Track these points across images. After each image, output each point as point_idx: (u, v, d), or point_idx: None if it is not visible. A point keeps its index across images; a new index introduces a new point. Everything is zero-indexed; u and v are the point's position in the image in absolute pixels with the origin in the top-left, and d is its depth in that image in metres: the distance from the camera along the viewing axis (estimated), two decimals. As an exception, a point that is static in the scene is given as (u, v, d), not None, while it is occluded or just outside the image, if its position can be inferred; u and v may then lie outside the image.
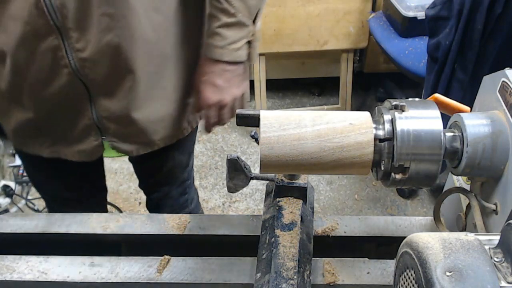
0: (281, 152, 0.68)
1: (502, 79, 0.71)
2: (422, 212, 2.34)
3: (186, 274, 0.86)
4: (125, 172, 2.57)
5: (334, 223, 0.95)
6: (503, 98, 0.70)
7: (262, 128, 0.68)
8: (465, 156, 0.69)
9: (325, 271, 0.85)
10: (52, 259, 0.89)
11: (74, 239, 0.96)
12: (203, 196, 2.41)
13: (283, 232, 0.79)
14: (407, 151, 0.67)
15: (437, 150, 0.67)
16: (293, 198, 0.86)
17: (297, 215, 0.82)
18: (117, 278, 0.85)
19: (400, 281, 0.57)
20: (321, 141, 0.68)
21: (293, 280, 0.71)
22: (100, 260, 0.89)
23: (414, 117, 0.68)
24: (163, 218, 0.97)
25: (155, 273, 0.86)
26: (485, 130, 0.69)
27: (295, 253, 0.75)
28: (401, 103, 0.69)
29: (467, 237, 0.52)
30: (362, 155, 0.68)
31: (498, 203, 0.71)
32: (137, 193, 2.44)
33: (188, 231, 0.95)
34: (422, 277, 0.50)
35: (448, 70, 1.87)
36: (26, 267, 0.88)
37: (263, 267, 0.76)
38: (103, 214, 0.99)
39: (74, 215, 0.99)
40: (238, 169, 0.82)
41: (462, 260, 0.49)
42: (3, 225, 0.97)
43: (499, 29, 1.69)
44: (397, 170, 0.68)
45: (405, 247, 0.55)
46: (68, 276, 0.86)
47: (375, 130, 0.68)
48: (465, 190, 0.78)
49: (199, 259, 0.88)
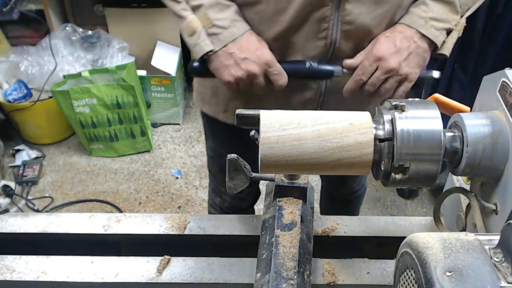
0: (281, 152, 0.68)
1: (502, 79, 0.71)
2: (422, 212, 2.34)
3: (186, 274, 0.86)
4: (125, 172, 2.57)
5: (334, 223, 0.95)
6: (503, 98, 0.70)
7: (262, 128, 0.68)
8: (465, 156, 0.69)
9: (325, 271, 0.85)
10: (52, 259, 0.89)
11: (74, 239, 0.96)
12: (203, 196, 2.41)
13: (283, 232, 0.79)
14: (407, 151, 0.67)
15: (437, 150, 0.67)
16: (293, 198, 0.86)
17: (297, 215, 0.82)
18: (117, 278, 0.85)
19: (400, 281, 0.57)
20: (321, 141, 0.68)
21: (293, 280, 0.71)
22: (100, 260, 0.89)
23: (414, 117, 0.68)
24: (163, 218, 0.97)
25: (155, 273, 0.86)
26: (485, 130, 0.69)
27: (295, 253, 0.75)
28: (401, 103, 0.69)
29: (467, 237, 0.52)
30: (362, 155, 0.68)
31: (498, 203, 0.71)
32: (137, 193, 2.45)
33: (188, 231, 0.95)
34: (422, 277, 0.50)
35: (448, 70, 1.87)
36: (26, 267, 0.88)
37: (263, 267, 0.76)
38: (103, 214, 0.99)
39: (74, 215, 0.99)
40: (238, 169, 0.82)
41: (462, 260, 0.49)
42: (3, 225, 0.97)
43: (499, 29, 1.70)
44: (397, 170, 0.68)
45: (405, 247, 0.55)
46: (68, 276, 0.86)
47: (375, 130, 0.68)
48: (465, 190, 0.78)
49: (199, 259, 0.88)
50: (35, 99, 2.51)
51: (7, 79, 2.56)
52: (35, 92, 2.56)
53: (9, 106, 2.53)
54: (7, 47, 2.61)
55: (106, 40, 2.66)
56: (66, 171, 2.58)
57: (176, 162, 2.63)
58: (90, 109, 2.46)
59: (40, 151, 2.67)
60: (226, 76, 0.98)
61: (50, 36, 2.52)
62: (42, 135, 2.71)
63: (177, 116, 2.86)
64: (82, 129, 2.53)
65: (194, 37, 0.97)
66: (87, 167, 2.61)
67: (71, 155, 2.69)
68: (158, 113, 2.83)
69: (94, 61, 2.65)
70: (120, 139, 2.61)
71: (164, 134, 2.82)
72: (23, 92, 2.53)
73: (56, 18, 2.68)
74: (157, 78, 2.69)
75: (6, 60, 2.55)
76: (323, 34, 0.98)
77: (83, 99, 2.43)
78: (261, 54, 0.97)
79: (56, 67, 2.47)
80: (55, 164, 2.63)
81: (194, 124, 2.89)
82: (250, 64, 0.96)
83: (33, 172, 2.50)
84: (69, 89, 2.38)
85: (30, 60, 2.54)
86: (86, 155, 2.68)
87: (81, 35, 2.65)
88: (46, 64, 2.51)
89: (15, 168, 2.53)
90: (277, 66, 0.98)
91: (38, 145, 2.71)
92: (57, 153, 2.70)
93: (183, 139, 2.79)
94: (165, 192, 2.45)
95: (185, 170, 2.58)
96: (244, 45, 0.97)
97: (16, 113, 2.56)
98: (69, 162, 2.64)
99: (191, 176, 2.54)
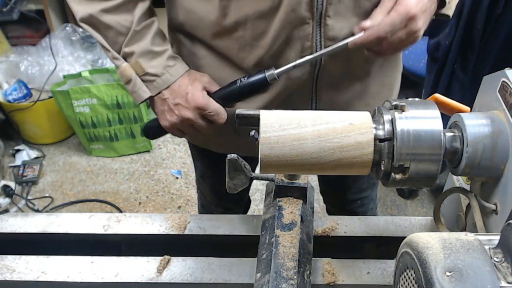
0: (281, 152, 0.68)
1: (502, 79, 0.71)
2: (422, 212, 2.34)
3: (186, 274, 0.86)
4: (125, 172, 2.57)
5: (334, 223, 0.95)
6: (503, 98, 0.70)
7: (262, 128, 0.68)
8: (465, 156, 0.69)
9: (325, 271, 0.85)
10: (52, 259, 0.89)
11: (74, 239, 0.96)
12: (203, 196, 2.41)
13: (283, 232, 0.79)
14: (407, 151, 0.67)
15: (437, 150, 0.67)
16: (293, 198, 0.86)
17: (297, 215, 0.82)
18: (117, 278, 0.85)
19: (400, 281, 0.57)
20: (321, 141, 0.68)
21: (293, 280, 0.71)
22: (100, 260, 0.89)
23: (414, 117, 0.68)
24: (163, 218, 0.97)
25: (155, 273, 0.86)
26: (485, 130, 0.69)
27: (295, 253, 0.75)
28: (401, 103, 0.69)
29: (467, 237, 0.52)
30: (362, 155, 0.68)
31: (498, 203, 0.71)
32: (137, 193, 2.45)
33: (188, 231, 0.95)
34: (422, 277, 0.50)
35: (448, 70, 1.87)
36: (26, 267, 0.88)
37: (263, 267, 0.76)
38: (103, 214, 0.99)
39: (74, 215, 0.99)
40: (238, 169, 0.82)
41: (462, 260, 0.49)
42: (3, 225, 0.97)
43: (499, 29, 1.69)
44: (397, 170, 0.68)
45: (405, 247, 0.55)
46: (68, 276, 0.86)
47: (375, 130, 0.68)
48: (465, 190, 0.78)
49: (199, 259, 0.88)
50: (35, 99, 2.51)
51: (7, 79, 2.57)
52: (35, 92, 2.56)
53: (9, 106, 2.53)
54: (7, 47, 2.62)
55: (106, 40, 2.66)
56: (66, 171, 2.58)
57: (176, 162, 2.63)
58: (90, 109, 2.46)
59: (40, 151, 2.67)
60: (162, 121, 0.98)
61: (50, 36, 2.52)
62: (42, 135, 2.71)
63: (177, 116, 2.86)
64: (82, 129, 2.53)
65: (130, 85, 0.96)
66: (87, 167, 2.61)
67: (71, 155, 2.69)
68: (158, 113, 2.83)
69: (94, 61, 2.65)
70: (120, 139, 2.62)
71: (164, 134, 2.82)
72: (23, 92, 2.53)
73: (56, 18, 2.69)
74: (157, 78, 2.68)
75: (6, 60, 2.55)
76: (307, 54, 0.92)
77: (83, 99, 2.43)
78: (191, 99, 0.94)
79: (56, 67, 2.47)
80: (55, 164, 2.63)
81: (194, 124, 2.89)
82: (182, 110, 0.94)
83: (33, 172, 2.50)
84: (69, 89, 2.38)
85: (30, 60, 2.54)
86: (86, 155, 2.68)
87: (81, 35, 2.65)
88: (46, 64, 2.51)
89: (15, 168, 2.53)
90: (211, 107, 0.94)
91: (38, 145, 2.71)
92: (57, 153, 2.70)
93: (183, 139, 2.79)
94: (165, 192, 2.45)
95: (185, 170, 2.58)
96: (176, 90, 0.95)
97: (16, 113, 2.56)
98: (69, 162, 2.64)
99: (191, 176, 2.54)
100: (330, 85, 1.00)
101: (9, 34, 2.66)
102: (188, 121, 0.96)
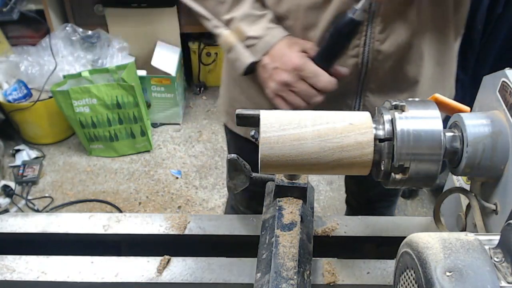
0: (281, 152, 0.68)
1: (502, 79, 0.71)
2: (422, 212, 2.34)
3: (186, 274, 0.86)
4: (125, 172, 2.58)
5: (334, 223, 0.95)
6: (503, 98, 0.70)
7: (262, 128, 0.68)
8: (465, 156, 0.69)
9: (325, 271, 0.85)
10: (52, 259, 0.89)
11: (74, 239, 0.96)
12: (203, 196, 2.42)
13: (283, 232, 0.79)
14: (407, 151, 0.67)
15: (437, 150, 0.67)
16: (293, 198, 0.86)
17: (297, 215, 0.82)
18: (117, 278, 0.85)
19: (400, 281, 0.57)
20: (321, 141, 0.68)
21: (293, 280, 0.71)
22: (100, 260, 0.89)
23: (414, 117, 0.68)
24: (163, 218, 0.97)
25: (155, 273, 0.86)
26: (485, 130, 0.69)
27: (295, 253, 0.75)
28: (401, 103, 0.69)
29: (467, 237, 0.52)
30: (362, 155, 0.68)
31: (498, 203, 0.71)
32: (137, 193, 2.45)
33: (188, 231, 0.95)
34: (422, 277, 0.50)
35: (448, 70, 1.87)
36: (26, 267, 0.88)
37: (263, 267, 0.76)
38: (103, 214, 0.99)
39: (74, 215, 0.99)
40: (238, 169, 0.82)
41: (462, 260, 0.49)
42: (3, 225, 0.97)
43: (499, 29, 1.70)
44: (397, 170, 0.68)
45: (405, 247, 0.55)
46: (68, 276, 0.86)
47: (375, 130, 0.68)
48: (465, 190, 0.78)
49: (199, 259, 0.88)
50: (35, 99, 2.51)
51: (7, 79, 2.57)
52: (35, 92, 2.56)
53: (9, 106, 2.53)
54: (7, 47, 2.61)
55: (106, 40, 2.66)
56: (66, 171, 2.58)
57: (176, 162, 2.64)
58: (90, 109, 2.46)
59: (40, 151, 2.68)
60: (267, 90, 0.94)
61: (50, 36, 2.52)
62: (42, 135, 2.71)
63: (177, 116, 2.86)
64: (82, 129, 2.54)
65: (232, 53, 0.94)
66: (87, 167, 2.61)
67: (71, 155, 2.69)
68: (158, 113, 2.83)
69: (94, 61, 2.65)
70: (120, 139, 2.62)
71: (164, 134, 2.82)
72: (23, 92, 2.53)
73: (56, 18, 2.68)
74: (157, 78, 2.69)
75: (6, 60, 2.55)
76: (354, 52, 0.92)
77: (83, 99, 2.43)
78: (288, 60, 0.89)
79: (56, 67, 2.47)
80: (55, 164, 2.63)
81: (194, 124, 2.89)
82: (280, 73, 0.90)
83: (33, 172, 2.50)
84: (69, 89, 2.38)
85: (30, 60, 2.54)
86: (86, 155, 2.68)
87: (81, 35, 2.65)
88: (46, 64, 2.51)
89: (15, 168, 2.53)
90: (308, 68, 0.88)
91: (38, 145, 2.71)
92: (57, 153, 2.70)
93: (183, 139, 2.79)
94: (165, 192, 2.46)
95: (185, 170, 2.58)
96: (274, 55, 0.91)
97: (16, 113, 2.56)
98: (69, 162, 2.64)
99: (191, 176, 2.54)
100: (377, 89, 0.98)
101: (9, 34, 2.65)
102: (287, 84, 0.90)
